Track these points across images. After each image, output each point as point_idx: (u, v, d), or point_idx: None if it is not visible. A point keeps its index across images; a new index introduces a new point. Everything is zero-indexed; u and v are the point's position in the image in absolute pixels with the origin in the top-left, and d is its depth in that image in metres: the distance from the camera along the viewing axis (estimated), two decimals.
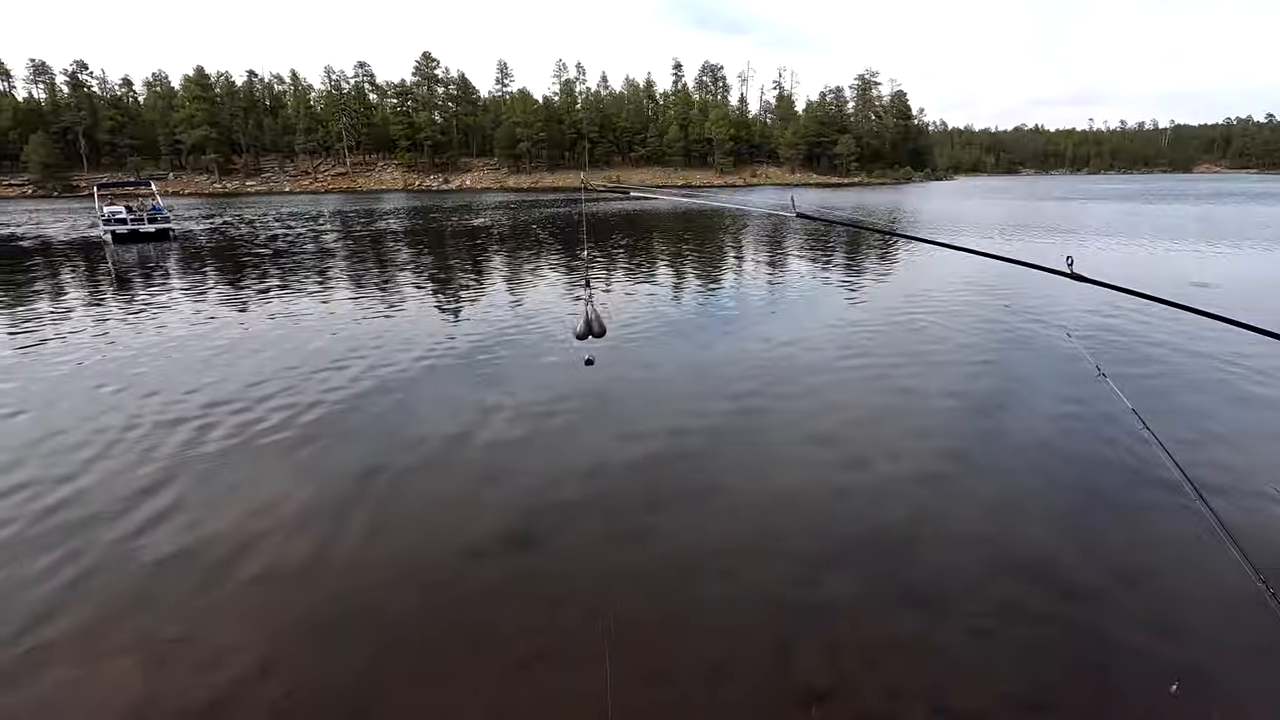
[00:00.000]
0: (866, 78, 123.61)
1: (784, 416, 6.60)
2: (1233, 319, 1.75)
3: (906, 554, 4.24)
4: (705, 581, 3.99)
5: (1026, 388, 7.35)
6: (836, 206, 45.53)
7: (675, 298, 12.76)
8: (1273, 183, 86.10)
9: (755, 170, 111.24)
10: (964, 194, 65.56)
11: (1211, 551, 3.90)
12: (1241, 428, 6.12)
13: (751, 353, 8.80)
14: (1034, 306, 11.20)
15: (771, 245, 21.94)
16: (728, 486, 5.17)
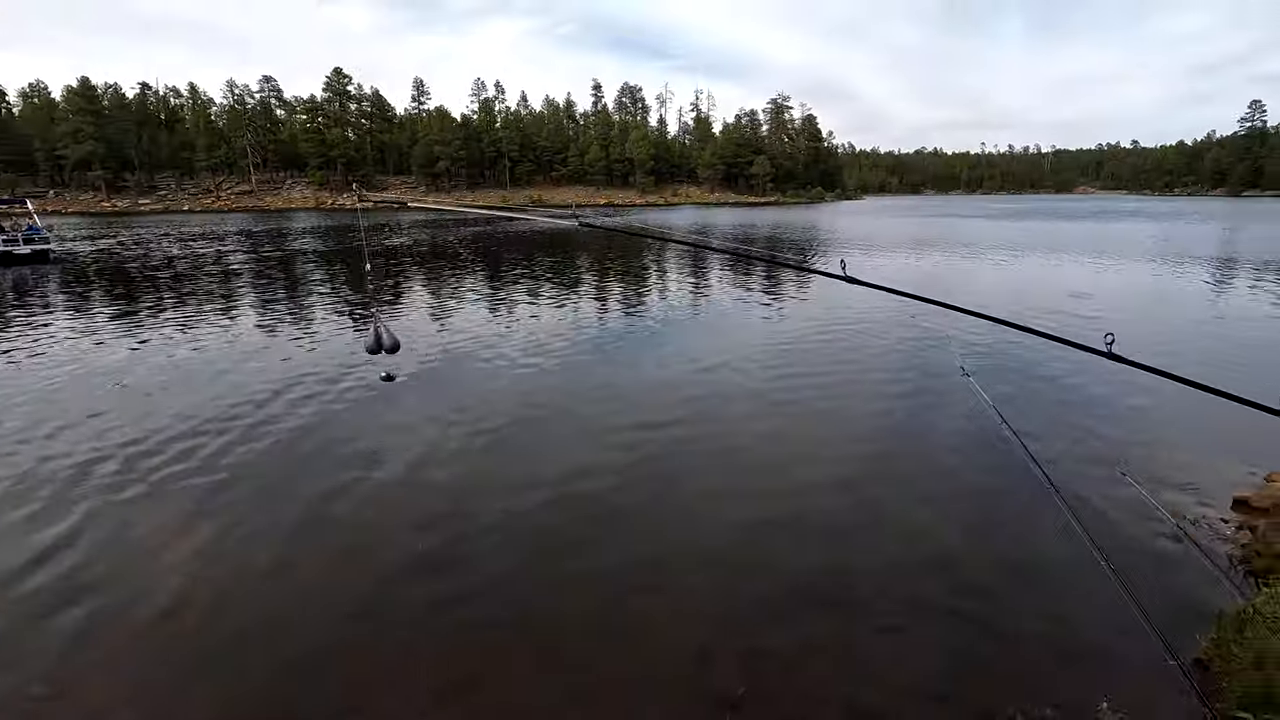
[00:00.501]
0: (779, 101, 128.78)
1: (700, 435, 6.73)
2: (1059, 337, 1.93)
3: (819, 559, 4.44)
4: (624, 597, 4.03)
5: (921, 403, 7.79)
6: (756, 224, 47.01)
7: (593, 319, 12.79)
8: (1141, 202, 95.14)
9: (676, 190, 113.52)
10: (873, 212, 69.05)
11: (1064, 536, 4.25)
12: (1088, 420, 6.69)
13: (668, 375, 8.94)
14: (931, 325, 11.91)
15: (646, 264, 22.42)
16: (646, 504, 5.25)
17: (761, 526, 4.88)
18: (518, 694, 3.27)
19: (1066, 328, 11.19)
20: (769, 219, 55.52)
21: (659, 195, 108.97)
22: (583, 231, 39.72)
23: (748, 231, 39.92)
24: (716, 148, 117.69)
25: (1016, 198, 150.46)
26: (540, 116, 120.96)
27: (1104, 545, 4.24)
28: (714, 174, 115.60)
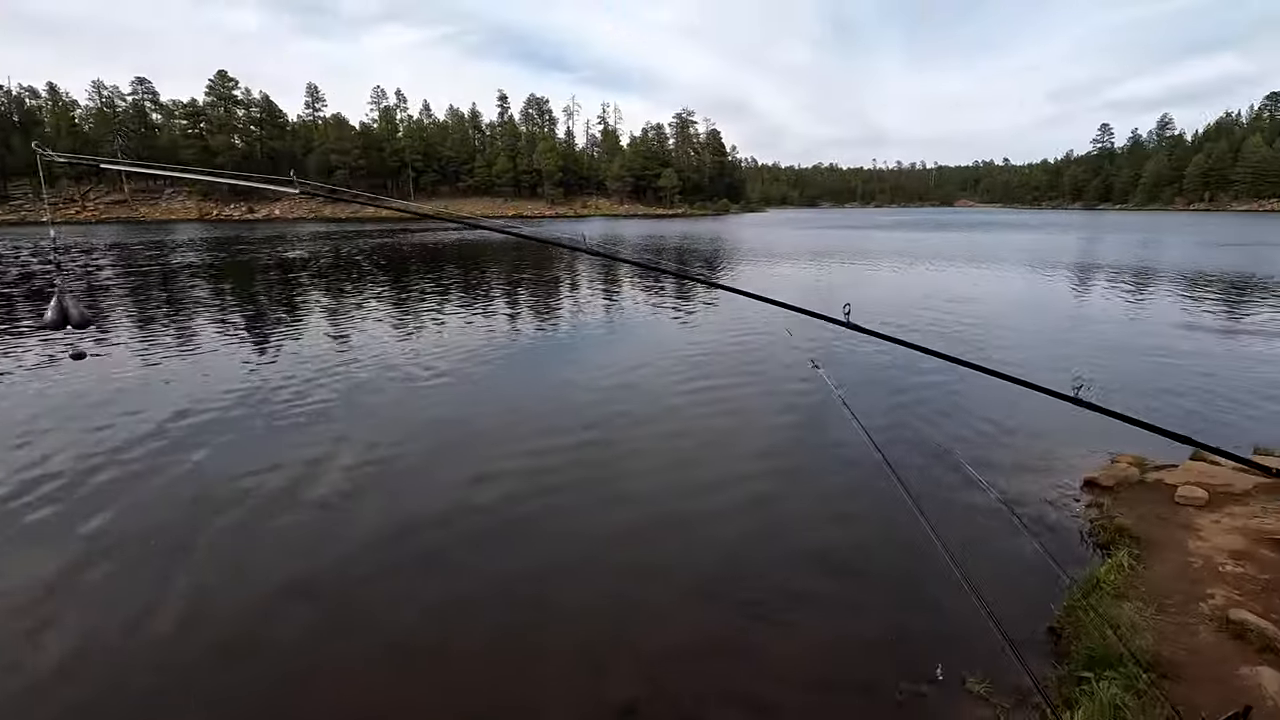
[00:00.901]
0: (684, 116, 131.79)
1: (597, 445, 6.78)
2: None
3: (710, 561, 4.55)
4: (521, 607, 4.00)
5: (800, 419, 8.19)
6: (664, 235, 47.81)
7: (501, 332, 12.63)
8: (1012, 215, 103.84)
9: (585, 201, 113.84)
10: (776, 224, 71.84)
11: (908, 523, 4.62)
12: (931, 411, 7.29)
13: (575, 386, 8.94)
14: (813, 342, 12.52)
15: (568, 275, 22.54)
16: (539, 517, 5.23)
17: (652, 532, 4.96)
18: (407, 711, 3.17)
19: (947, 334, 12.05)
20: (677, 230, 56.65)
21: (568, 207, 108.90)
22: (492, 242, 39.11)
23: (657, 242, 40.49)
24: (625, 160, 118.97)
25: (905, 210, 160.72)
26: (445, 126, 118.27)
27: (969, 531, 4.61)
28: (622, 186, 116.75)
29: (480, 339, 11.53)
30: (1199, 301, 15.95)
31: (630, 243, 39.87)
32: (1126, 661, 3.06)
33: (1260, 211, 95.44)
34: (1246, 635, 3.24)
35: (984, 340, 11.39)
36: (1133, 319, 13.83)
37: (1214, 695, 2.86)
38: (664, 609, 4.00)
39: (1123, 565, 3.99)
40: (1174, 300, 16.18)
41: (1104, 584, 3.77)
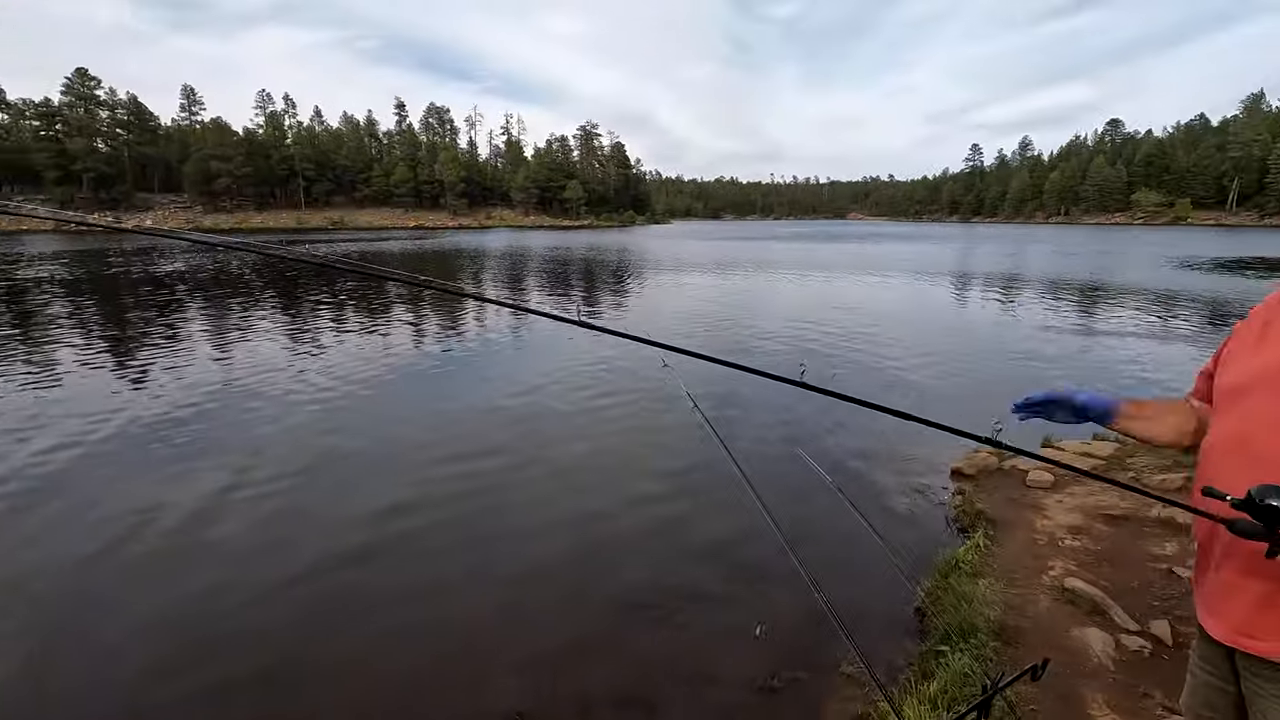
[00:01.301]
0: (589, 129, 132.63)
1: (494, 467, 6.70)
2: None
3: (593, 564, 4.60)
4: (403, 626, 3.89)
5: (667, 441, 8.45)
6: (571, 246, 47.85)
7: (405, 348, 12.23)
8: (898, 227, 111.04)
9: (490, 212, 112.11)
10: (681, 236, 73.47)
11: (754, 517, 4.89)
12: (770, 408, 7.74)
13: (485, 403, 8.79)
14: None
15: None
16: (428, 533, 5.11)
17: (539, 544, 4.95)
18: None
19: (837, 346, 12.70)
20: (583, 241, 56.88)
21: (472, 218, 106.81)
22: (394, 254, 37.79)
23: (563, 254, 40.46)
24: (529, 171, 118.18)
25: (802, 222, 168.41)
26: (339, 134, 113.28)
27: (832, 523, 4.87)
28: (528, 197, 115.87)
29: (373, 359, 11.09)
30: (1056, 304, 17.67)
31: (537, 254, 39.57)
32: (978, 632, 3.34)
33: (1106, 224, 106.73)
34: (1078, 601, 3.61)
35: (861, 349, 12.09)
36: (998, 323, 15.12)
37: (1049, 656, 3.17)
38: (550, 619, 4.00)
39: (979, 545, 4.35)
40: (1035, 303, 17.84)
41: (962, 564, 4.09)
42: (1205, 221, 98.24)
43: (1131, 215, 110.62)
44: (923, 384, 9.27)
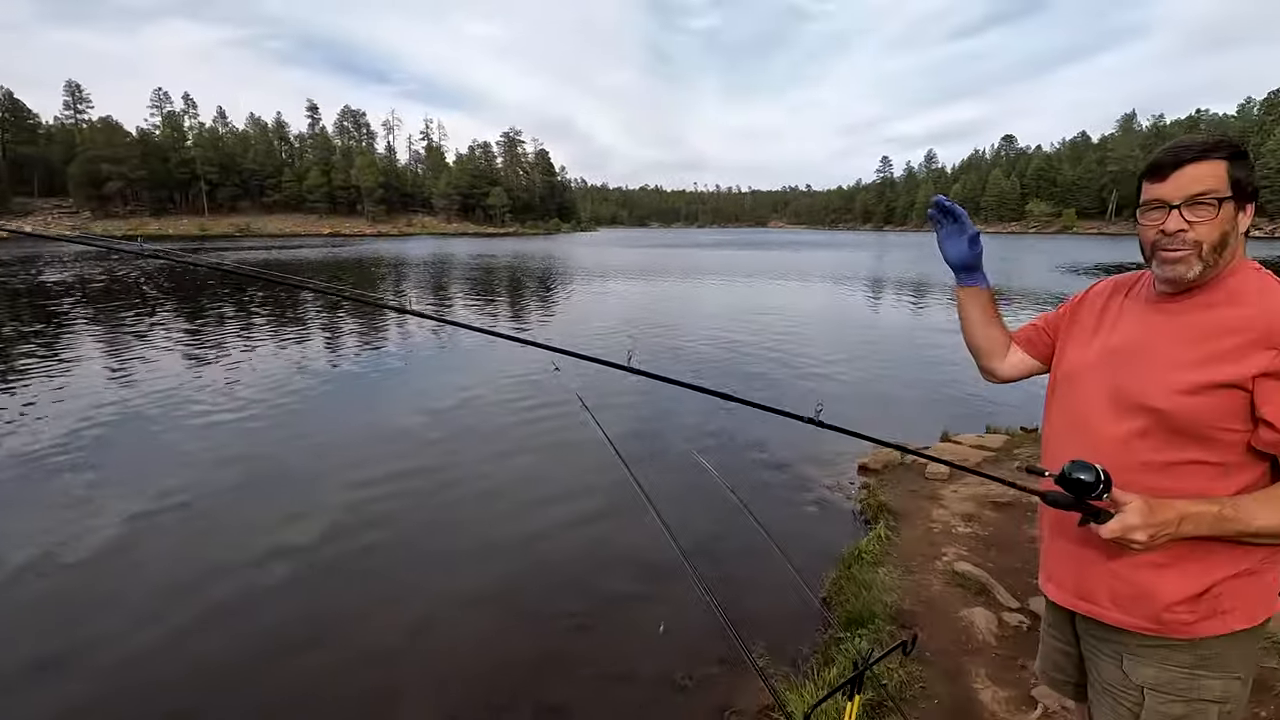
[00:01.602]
0: (512, 135, 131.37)
1: (408, 484, 6.54)
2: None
3: (505, 578, 4.57)
4: (320, 649, 3.76)
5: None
6: (496, 254, 47.17)
7: (315, 363, 11.72)
8: (818, 235, 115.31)
9: (410, 219, 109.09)
10: (607, 243, 73.70)
11: (729, 518, 5.02)
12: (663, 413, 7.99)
13: (403, 420, 8.54)
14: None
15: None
16: (343, 554, 4.95)
17: (456, 560, 4.88)
18: None
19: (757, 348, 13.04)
20: (509, 249, 56.19)
21: (392, 225, 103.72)
22: (305, 262, 36.11)
23: (488, 260, 39.87)
24: (451, 178, 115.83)
25: (725, 230, 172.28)
26: (245, 136, 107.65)
27: (761, 520, 5.01)
28: (450, 204, 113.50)
29: (283, 374, 10.58)
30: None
31: (461, 262, 38.77)
32: (876, 618, 3.52)
33: (1004, 233, 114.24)
34: (966, 584, 3.86)
35: (779, 352, 12.49)
36: (909, 326, 15.94)
37: (938, 635, 3.38)
38: (463, 634, 3.94)
39: (881, 536, 4.57)
40: (943, 307, 18.91)
41: (864, 554, 4.29)
42: (1089, 230, 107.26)
43: (1026, 224, 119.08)
44: (834, 384, 9.67)
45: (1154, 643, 1.38)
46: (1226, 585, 1.32)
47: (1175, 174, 1.31)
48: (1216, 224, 1.29)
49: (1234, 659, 1.36)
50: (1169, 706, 1.37)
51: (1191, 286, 1.36)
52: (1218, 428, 1.27)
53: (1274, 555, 1.33)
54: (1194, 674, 1.36)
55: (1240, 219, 1.32)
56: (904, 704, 2.87)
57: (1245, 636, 1.35)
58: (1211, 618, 1.33)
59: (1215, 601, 1.32)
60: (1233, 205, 1.30)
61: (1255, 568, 1.32)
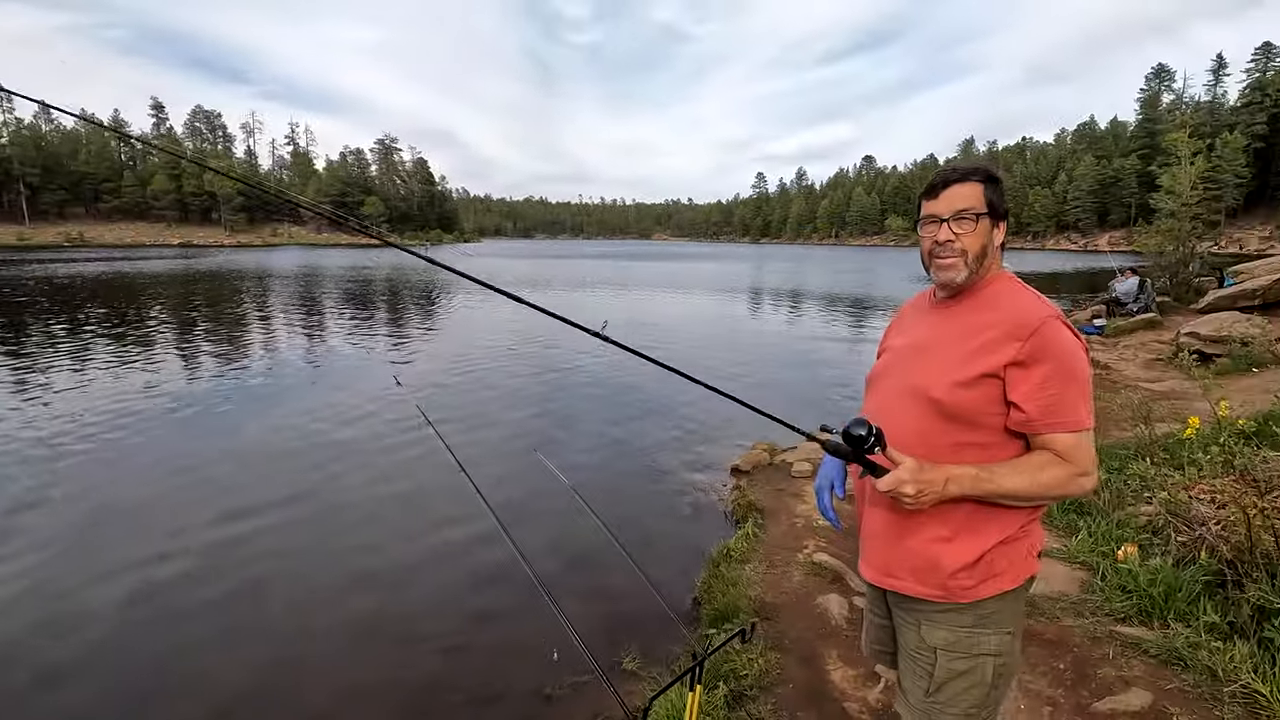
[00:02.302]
0: (387, 142, 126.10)
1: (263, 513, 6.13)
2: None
3: (364, 607, 4.40)
4: (168, 690, 3.43)
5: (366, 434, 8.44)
6: (374, 265, 44.96)
7: (173, 380, 10.64)
8: (700, 247, 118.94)
9: (276, 229, 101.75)
10: (492, 254, 72.25)
11: (592, 529, 5.12)
12: (504, 417, 8.20)
13: (275, 441, 7.93)
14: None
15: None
16: (193, 590, 4.55)
17: (317, 590, 4.63)
18: None
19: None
20: (388, 260, 53.70)
21: (254, 235, 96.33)
22: (155, 275, 32.66)
23: (366, 273, 37.91)
24: (321, 185, 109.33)
25: (610, 242, 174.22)
26: (75, 135, 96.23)
27: (624, 527, 5.11)
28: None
29: (130, 394, 9.54)
30: (831, 315, 20.05)
31: (330, 274, 36.57)
32: (740, 612, 3.68)
33: (867, 245, 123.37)
34: (823, 573, 4.12)
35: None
36: (786, 332, 16.80)
37: (796, 623, 3.59)
38: (325, 667, 3.73)
39: (749, 534, 4.79)
40: (816, 313, 20.09)
41: (733, 552, 4.48)
42: (905, 244, 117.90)
43: (885, 238, 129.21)
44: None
45: (944, 608, 1.56)
46: (996, 551, 1.52)
47: (945, 193, 1.54)
48: (977, 235, 1.52)
49: (1006, 617, 1.57)
50: (955, 663, 1.56)
51: (961, 292, 1.59)
52: (983, 413, 1.49)
53: (1030, 524, 1.56)
54: (974, 632, 1.55)
55: (995, 233, 1.56)
56: (763, 691, 3.03)
57: (1013, 596, 1.57)
58: (987, 580, 1.53)
59: (989, 567, 1.53)
60: (989, 221, 1.53)
61: (1016, 535, 1.54)
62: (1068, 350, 1.43)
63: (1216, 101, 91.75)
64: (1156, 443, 5.03)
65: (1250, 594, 2.93)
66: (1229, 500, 3.41)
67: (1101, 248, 72.52)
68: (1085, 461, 1.43)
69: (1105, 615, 3.35)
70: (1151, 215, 19.74)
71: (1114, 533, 3.95)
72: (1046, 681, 2.96)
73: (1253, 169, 76.93)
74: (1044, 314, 1.45)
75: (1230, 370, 8.72)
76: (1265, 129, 79.98)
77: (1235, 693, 2.68)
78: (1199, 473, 4.18)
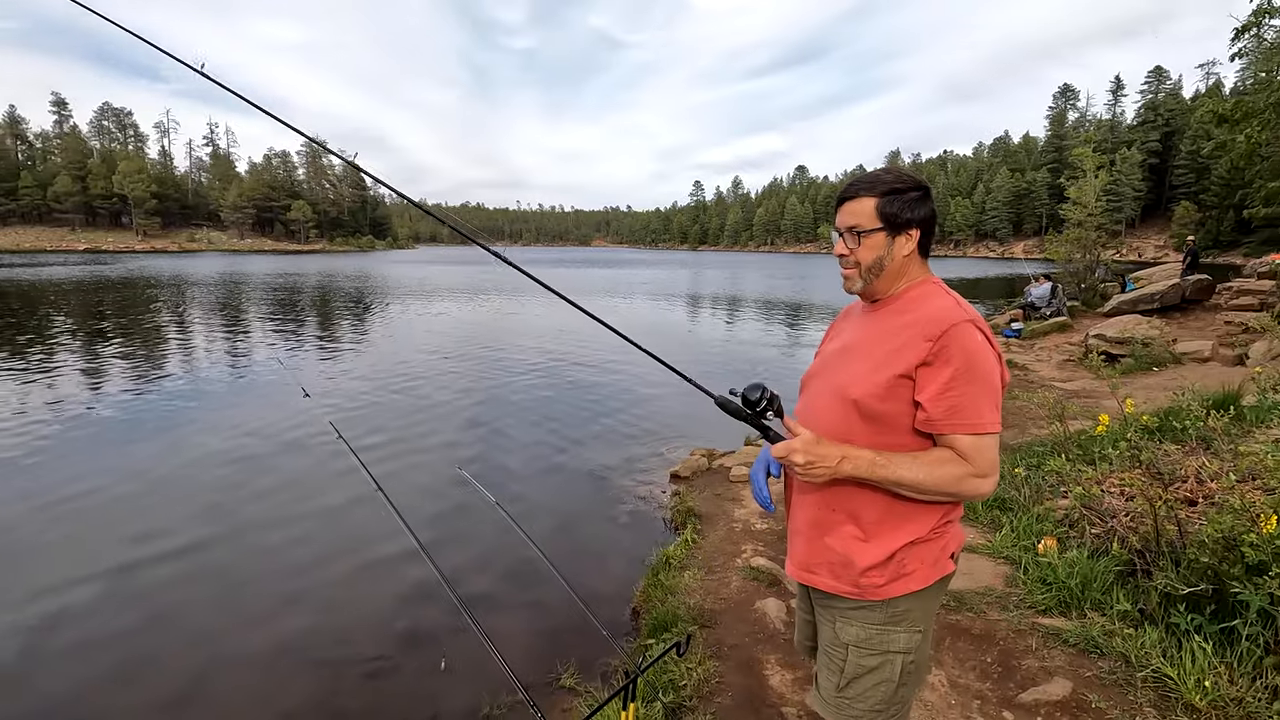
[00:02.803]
0: (315, 145, 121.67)
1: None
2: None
3: (284, 636, 4.17)
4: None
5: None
6: (301, 272, 43.20)
7: (70, 395, 9.86)
8: (640, 253, 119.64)
9: (194, 234, 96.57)
10: (427, 261, 70.52)
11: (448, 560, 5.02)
12: (428, 431, 8.11)
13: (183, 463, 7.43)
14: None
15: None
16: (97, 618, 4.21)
17: (237, 613, 4.35)
18: None
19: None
20: (315, 267, 51.84)
21: (170, 240, 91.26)
22: (35, 288, 30.30)
23: (293, 280, 36.31)
24: (244, 189, 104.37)
25: (550, 249, 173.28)
26: None
27: (561, 540, 5.03)
28: (243, 218, 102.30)
29: (28, 410, 8.78)
30: (769, 319, 20.41)
31: (256, 281, 34.87)
32: (679, 620, 3.64)
33: (801, 252, 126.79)
34: (760, 577, 4.13)
35: (598, 364, 12.72)
36: (722, 337, 17.00)
37: (734, 630, 3.58)
38: (243, 699, 3.48)
39: (688, 540, 4.77)
40: (752, 318, 20.42)
41: (672, 559, 4.44)
42: None
43: (819, 245, 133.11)
44: (655, 390, 10.01)
45: (857, 605, 1.58)
46: (908, 551, 1.54)
47: (841, 209, 1.60)
48: (868, 249, 1.56)
49: (917, 615, 1.59)
50: (866, 660, 1.58)
51: (883, 298, 1.61)
52: (899, 413, 1.51)
53: (945, 526, 1.58)
54: (886, 629, 1.57)
55: (898, 243, 1.56)
56: (701, 701, 2.98)
57: (924, 596, 1.58)
58: (898, 580, 1.54)
59: (899, 566, 1.54)
60: (884, 234, 1.54)
61: (929, 536, 1.55)
62: (975, 353, 1.44)
63: (1116, 120, 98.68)
64: (1071, 439, 5.29)
65: (1158, 581, 3.09)
66: (1137, 493, 3.60)
67: (1017, 255, 76.89)
68: (983, 464, 1.44)
69: (1028, 608, 3.47)
70: (1061, 225, 21.00)
71: (1034, 527, 4.10)
72: (975, 675, 3.03)
73: (1148, 183, 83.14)
74: (956, 317, 1.46)
75: (1134, 369, 9.31)
76: (1159, 146, 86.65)
77: (1147, 677, 2.81)
78: (1109, 467, 4.41)
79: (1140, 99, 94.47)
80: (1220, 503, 3.33)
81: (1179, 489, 3.69)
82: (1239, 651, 2.70)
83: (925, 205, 1.56)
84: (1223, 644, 2.78)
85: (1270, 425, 5.13)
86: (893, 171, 1.59)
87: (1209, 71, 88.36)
